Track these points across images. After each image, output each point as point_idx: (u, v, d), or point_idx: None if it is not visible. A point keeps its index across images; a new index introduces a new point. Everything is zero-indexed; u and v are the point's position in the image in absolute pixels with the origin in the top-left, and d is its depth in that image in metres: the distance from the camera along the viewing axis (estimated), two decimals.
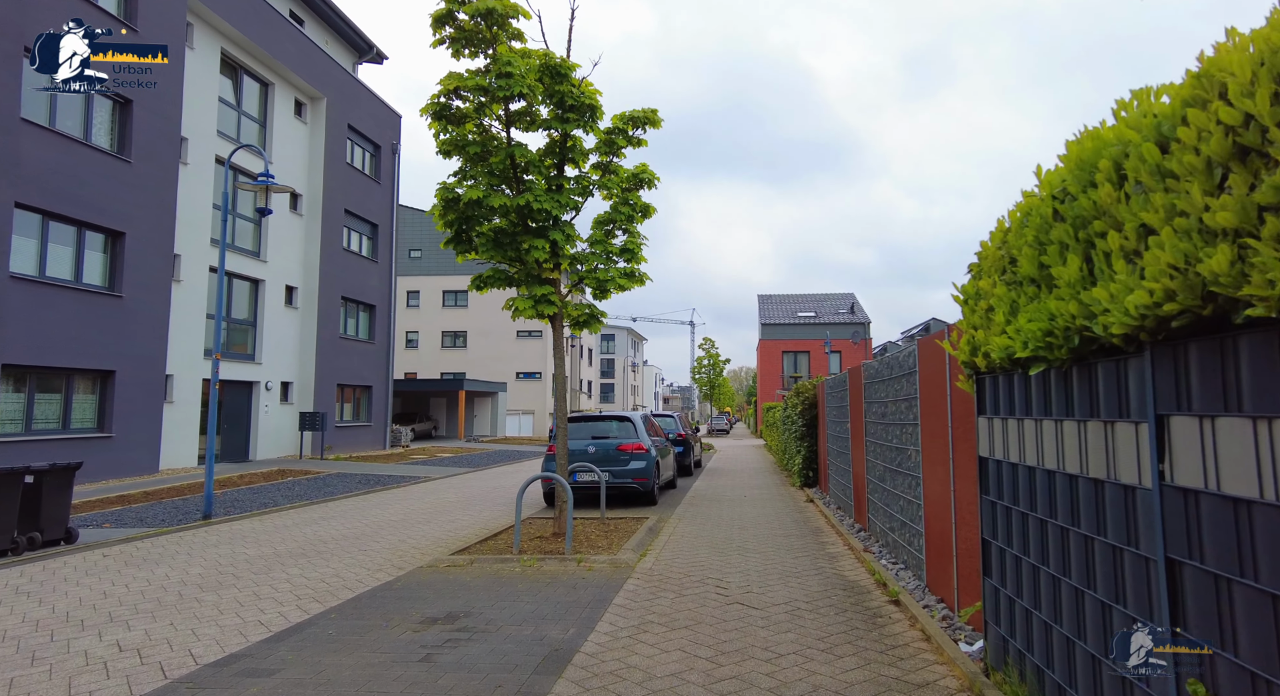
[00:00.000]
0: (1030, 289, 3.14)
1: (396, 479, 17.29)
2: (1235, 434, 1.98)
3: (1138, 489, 2.46)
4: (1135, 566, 2.48)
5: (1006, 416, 3.65)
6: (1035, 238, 3.04)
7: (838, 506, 10.84)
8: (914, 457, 6.23)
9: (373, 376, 27.46)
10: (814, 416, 14.03)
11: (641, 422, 12.33)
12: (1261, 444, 1.88)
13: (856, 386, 9.00)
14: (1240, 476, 1.95)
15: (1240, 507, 1.97)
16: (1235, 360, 1.99)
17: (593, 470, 10.46)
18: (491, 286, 8.97)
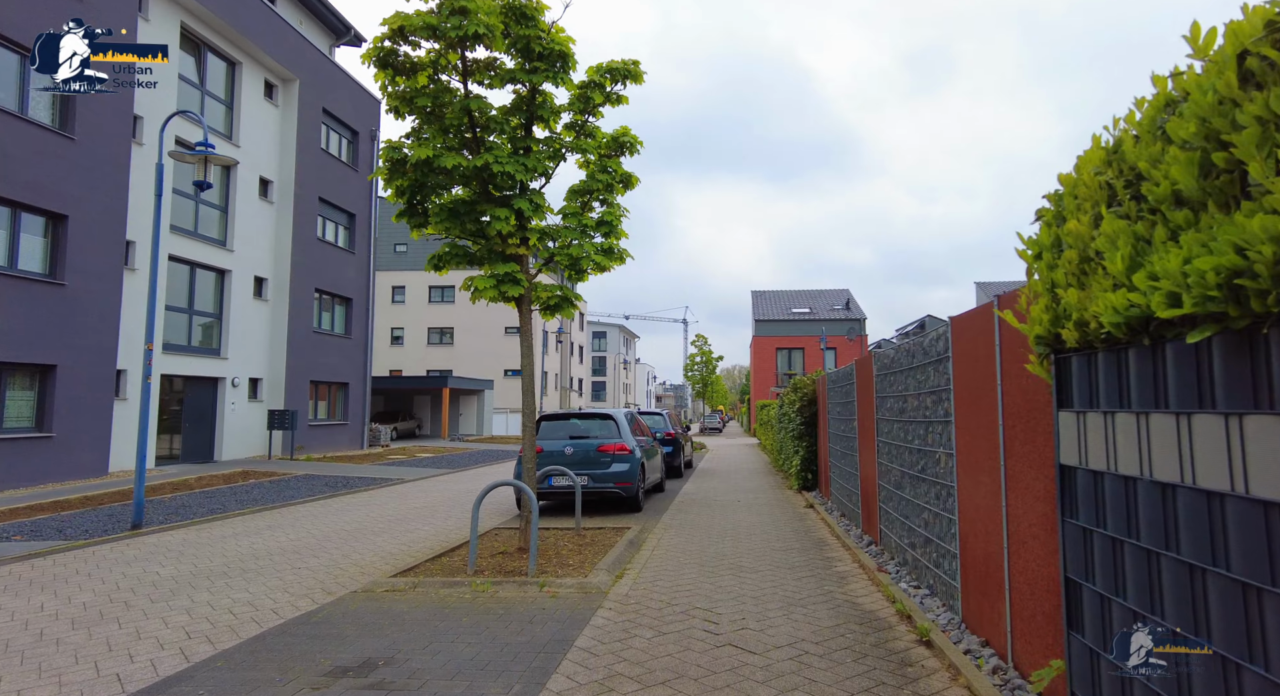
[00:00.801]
0: (1181, 214, 2.05)
1: (366, 481, 16.14)
2: None
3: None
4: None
5: (1113, 410, 2.56)
6: (1200, 130, 1.95)
7: (841, 513, 9.76)
8: (944, 462, 5.14)
9: (349, 373, 26.25)
10: (813, 414, 12.95)
11: (625, 421, 11.22)
12: None
13: (866, 379, 7.91)
14: None
15: None
16: None
17: (567, 474, 9.34)
18: (450, 266, 7.84)
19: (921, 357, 5.76)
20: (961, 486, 4.74)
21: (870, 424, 7.67)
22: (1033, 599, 3.60)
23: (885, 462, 7.04)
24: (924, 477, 5.66)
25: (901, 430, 6.37)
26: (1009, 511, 3.92)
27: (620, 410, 11.59)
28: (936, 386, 5.33)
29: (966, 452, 4.64)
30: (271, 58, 21.54)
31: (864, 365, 8.12)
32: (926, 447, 5.59)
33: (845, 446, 9.43)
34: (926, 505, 5.60)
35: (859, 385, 8.36)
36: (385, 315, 50.82)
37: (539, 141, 7.66)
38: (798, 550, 7.74)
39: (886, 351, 7.09)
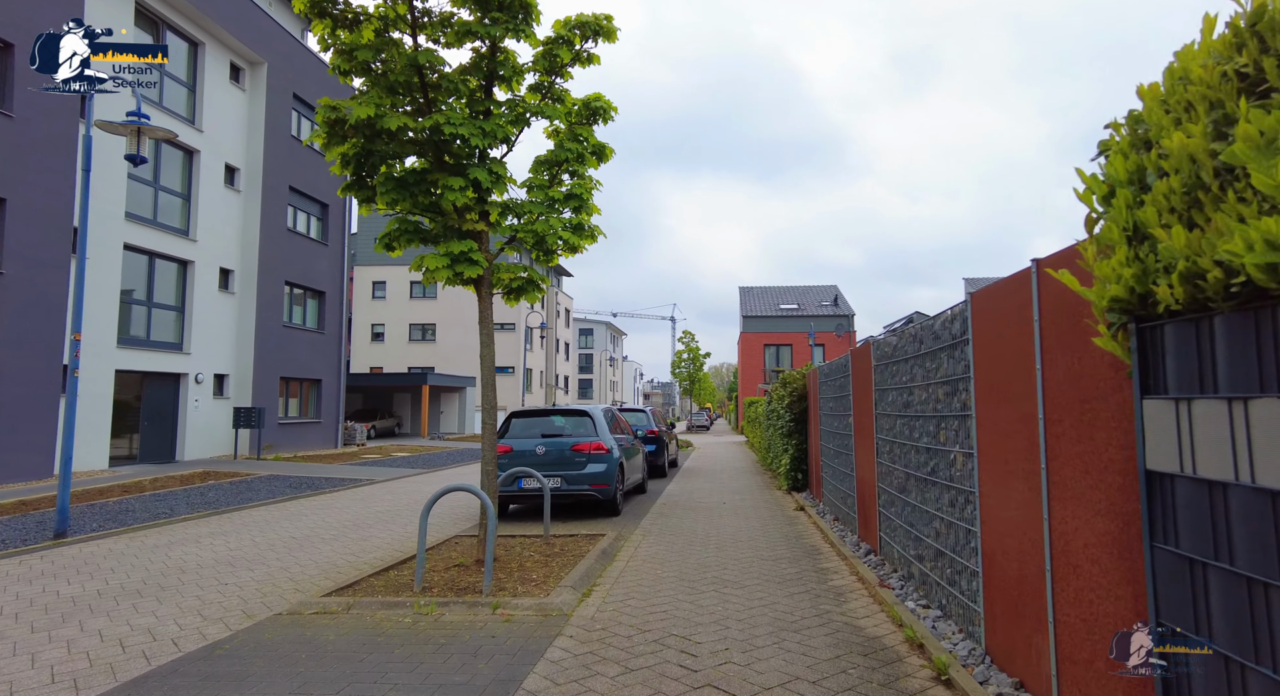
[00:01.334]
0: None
1: (332, 482, 15.26)
2: None
3: None
4: None
5: (1246, 395, 1.80)
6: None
7: (835, 517, 9.02)
8: (961, 464, 4.39)
9: (323, 369, 25.29)
10: (804, 410, 12.21)
11: (603, 418, 10.43)
12: None
13: (863, 370, 7.16)
14: None
15: None
16: None
17: (535, 476, 8.54)
18: (402, 245, 7.01)
19: (931, 343, 5.00)
20: (985, 493, 3.99)
21: (868, 420, 6.93)
22: (1091, 641, 2.84)
23: (886, 463, 6.29)
24: (935, 481, 4.91)
25: (906, 426, 5.62)
26: (1053, 526, 3.17)
27: (598, 407, 10.79)
28: (951, 375, 4.58)
29: (992, 453, 3.88)
30: (237, 39, 20.54)
31: (861, 356, 7.37)
32: (938, 446, 4.84)
33: (839, 445, 8.69)
34: (938, 512, 4.85)
35: (855, 378, 7.62)
36: (366, 311, 49.77)
37: (500, 105, 6.85)
38: (789, 560, 6.98)
39: (888, 339, 6.34)
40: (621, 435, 11.24)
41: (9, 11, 14.20)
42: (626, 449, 10.99)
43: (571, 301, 65.11)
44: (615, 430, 11.22)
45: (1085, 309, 2.74)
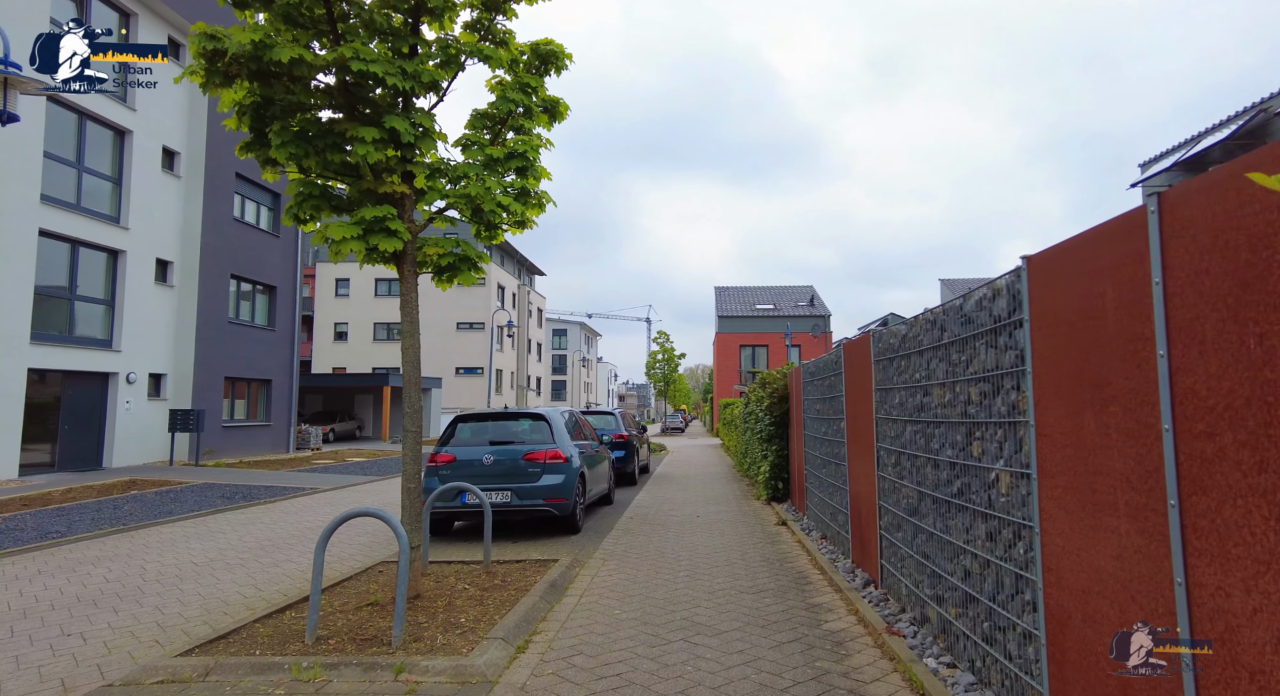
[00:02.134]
0: None
1: (272, 491, 13.89)
2: None
3: None
4: None
5: None
6: None
7: (822, 535, 7.94)
8: (1008, 486, 3.30)
9: (273, 368, 23.76)
10: (785, 413, 11.15)
11: (562, 422, 9.25)
12: None
13: (860, 367, 6.08)
14: None
15: None
16: None
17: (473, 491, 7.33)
18: (307, 213, 5.78)
19: (960, 328, 3.92)
20: (1051, 529, 2.90)
21: (866, 425, 5.84)
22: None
23: (891, 477, 5.21)
24: (964, 505, 3.82)
25: (920, 434, 4.54)
26: (1196, 595, 2.07)
27: (557, 410, 9.59)
28: (991, 369, 3.49)
29: (1065, 475, 2.79)
30: (174, 10, 19.02)
31: (857, 350, 6.29)
32: (968, 462, 3.75)
33: (828, 453, 7.61)
34: (969, 547, 3.76)
35: (849, 376, 6.54)
36: (329, 309, 48.06)
37: (429, 43, 5.66)
38: (773, 592, 5.87)
39: (894, 328, 5.25)
40: (584, 441, 10.07)
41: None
42: (589, 457, 9.82)
43: (544, 301, 63.75)
44: (578, 436, 10.06)
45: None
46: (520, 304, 55.09)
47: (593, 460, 10.06)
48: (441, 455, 8.53)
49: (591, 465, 9.88)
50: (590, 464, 9.80)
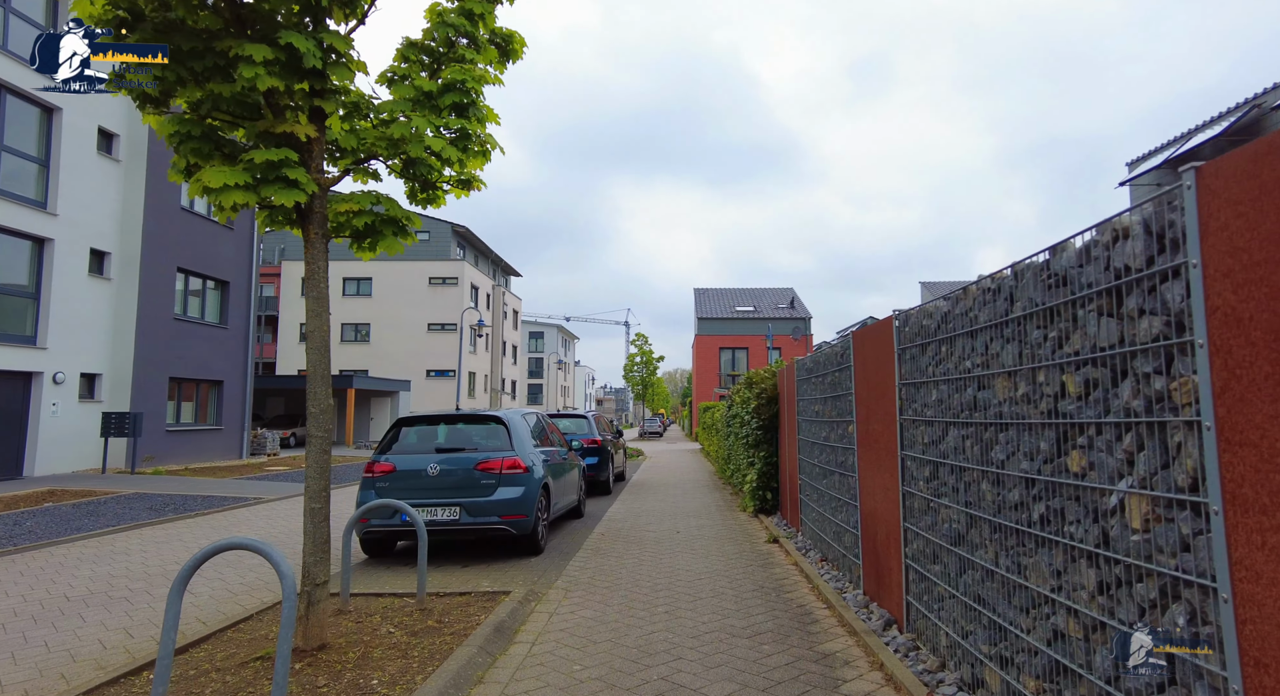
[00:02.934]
0: None
1: (210, 502, 12.55)
2: None
3: None
4: None
5: None
6: None
7: (823, 556, 6.85)
8: (1157, 521, 2.20)
9: (225, 369, 22.26)
10: (774, 415, 10.07)
11: (523, 426, 8.07)
12: None
13: (876, 358, 5.00)
14: None
15: None
16: None
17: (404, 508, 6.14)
18: (184, 157, 4.57)
19: (1042, 296, 2.82)
20: (1260, 595, 1.81)
21: (886, 429, 4.76)
22: None
23: (924, 494, 4.12)
24: (1052, 539, 2.73)
25: (971, 440, 3.46)
26: None
27: (518, 411, 8.39)
28: (1109, 346, 2.41)
29: None
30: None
31: (872, 339, 5.21)
32: (1064, 479, 2.66)
33: (830, 461, 6.52)
34: (1065, 600, 2.67)
35: (860, 370, 5.45)
36: (295, 309, 46.33)
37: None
38: (772, 635, 4.75)
39: (929, 307, 4.17)
40: (551, 448, 8.90)
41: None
42: (556, 465, 8.65)
43: (520, 302, 62.36)
44: (545, 442, 8.90)
45: None
46: (495, 305, 53.68)
47: (560, 469, 8.88)
48: (379, 464, 7.31)
49: (558, 475, 8.71)
50: (557, 473, 8.62)
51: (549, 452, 8.62)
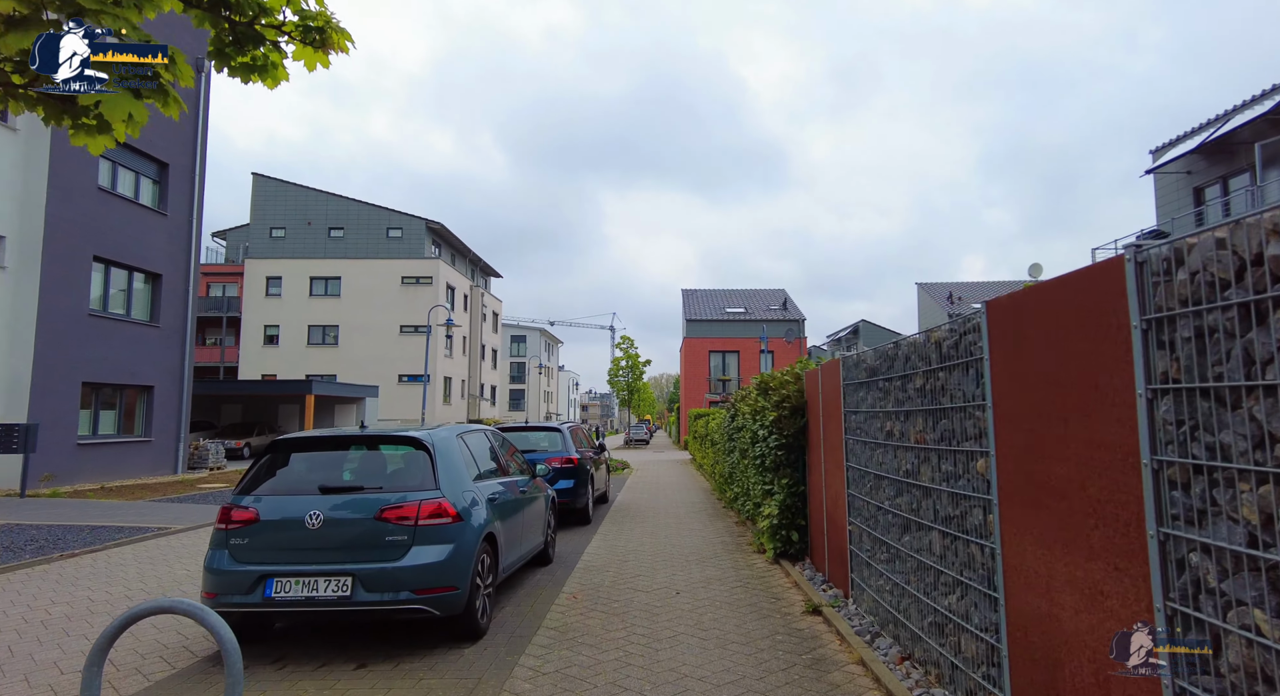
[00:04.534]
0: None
1: (101, 535, 10.04)
2: None
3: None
4: None
5: None
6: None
7: (904, 653, 4.50)
8: None
9: (156, 373, 19.63)
10: (800, 430, 7.76)
11: (456, 453, 5.61)
12: None
13: (1067, 342, 2.67)
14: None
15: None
16: None
17: (294, 576, 3.78)
18: None
19: None
20: None
21: (1090, 475, 2.43)
22: None
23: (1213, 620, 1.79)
24: None
25: None
26: None
27: (449, 430, 5.91)
28: None
29: None
30: None
31: (1049, 306, 2.88)
32: None
33: (922, 507, 4.18)
34: None
35: (1007, 364, 3.10)
36: (259, 310, 43.64)
37: None
38: None
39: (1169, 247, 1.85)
40: (505, 479, 6.51)
41: None
42: (508, 503, 6.24)
43: (500, 304, 59.82)
44: (499, 471, 6.53)
45: None
46: (473, 306, 51.14)
47: (515, 506, 6.48)
48: (237, 511, 4.86)
49: (513, 515, 6.30)
50: (510, 513, 6.22)
51: (502, 487, 6.22)
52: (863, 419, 5.43)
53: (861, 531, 5.53)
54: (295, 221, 44.99)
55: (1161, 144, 23.83)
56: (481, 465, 6.01)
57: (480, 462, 6.00)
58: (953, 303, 44.08)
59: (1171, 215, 22.75)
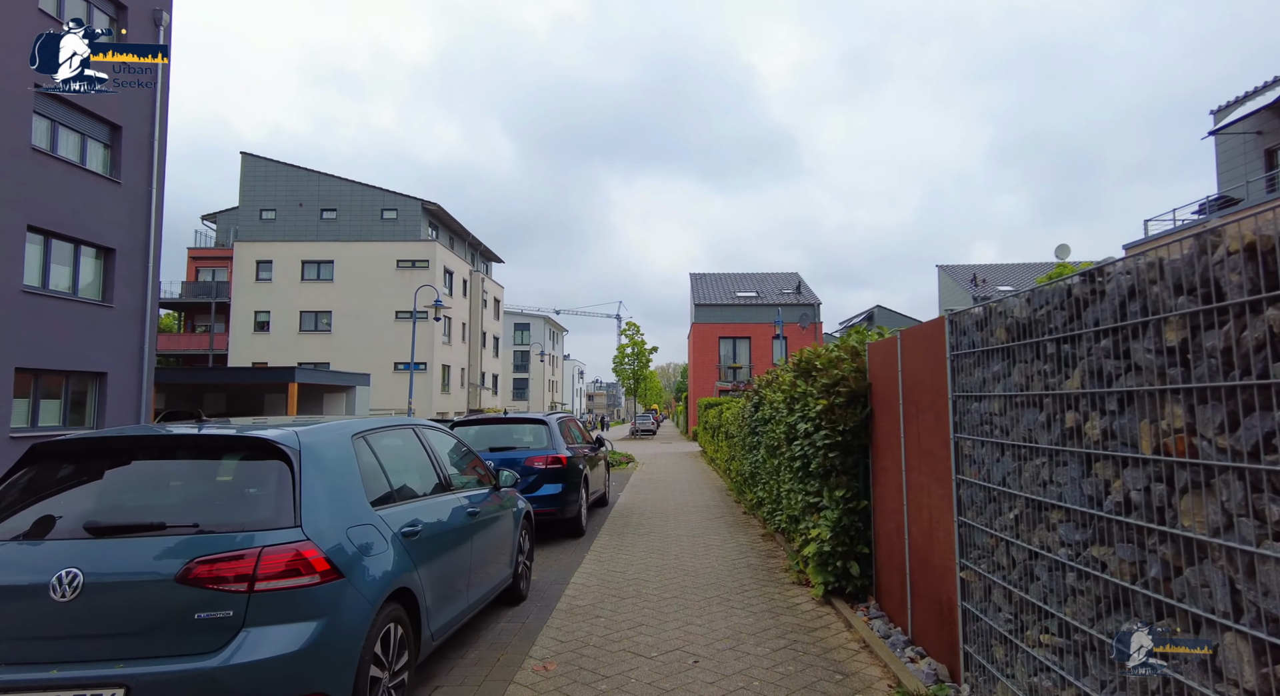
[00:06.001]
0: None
1: None
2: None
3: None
4: None
5: None
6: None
7: None
8: None
9: (108, 358, 17.69)
10: (862, 424, 5.69)
11: (341, 461, 3.52)
12: None
13: None
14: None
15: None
16: None
17: None
18: None
19: None
20: None
21: None
22: None
23: None
24: None
25: None
26: None
27: (337, 426, 3.79)
28: None
29: None
30: None
31: None
32: None
33: (1166, 563, 2.11)
34: None
35: None
36: (249, 296, 41.78)
37: None
38: None
39: None
40: (439, 498, 4.47)
41: None
42: (439, 538, 4.18)
43: (502, 290, 57.80)
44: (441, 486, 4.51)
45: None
46: (473, 291, 49.15)
47: (455, 538, 4.42)
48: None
49: (449, 550, 4.25)
50: (446, 549, 4.18)
51: (436, 510, 4.20)
52: (995, 408, 3.37)
53: (990, 585, 3.48)
54: (286, 203, 43.03)
55: (1225, 102, 21.53)
56: (397, 480, 3.97)
57: (394, 476, 3.95)
58: (977, 285, 41.80)
59: (1236, 180, 20.45)
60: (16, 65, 14.68)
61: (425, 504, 4.13)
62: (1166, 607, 2.22)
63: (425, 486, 4.37)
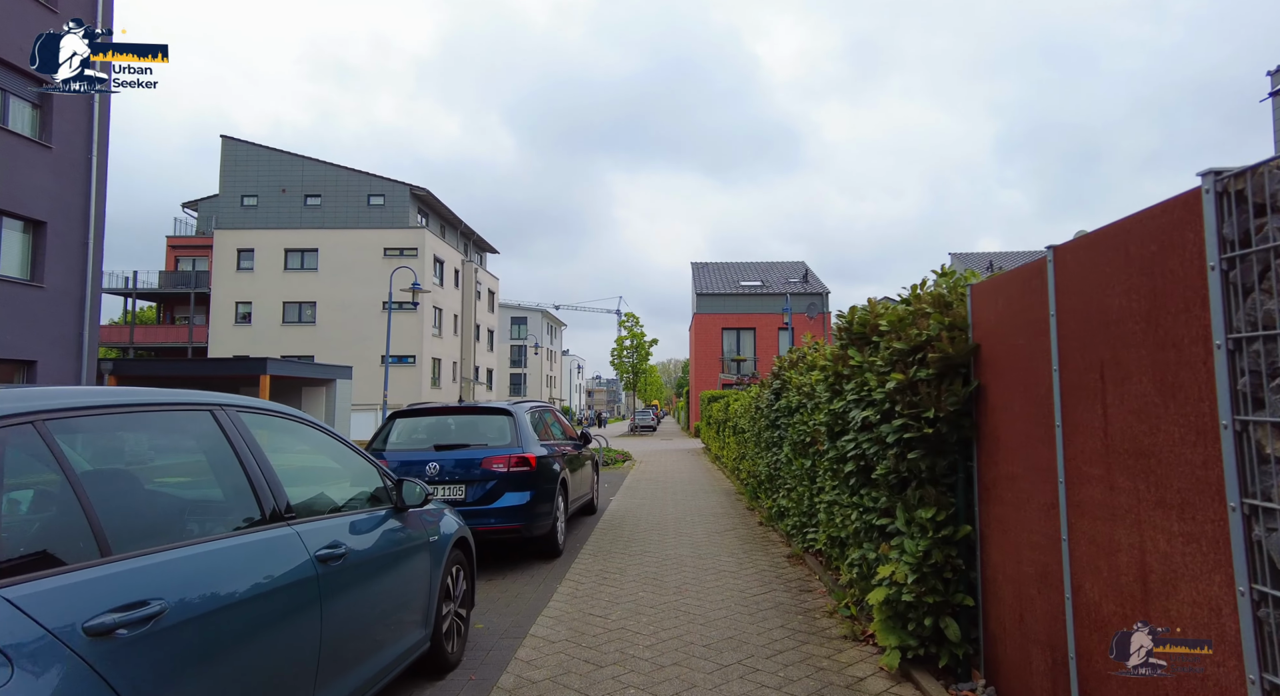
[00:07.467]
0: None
1: None
2: None
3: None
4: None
5: None
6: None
7: None
8: None
9: (39, 345, 15.74)
10: (964, 407, 3.70)
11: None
12: None
13: None
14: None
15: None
16: None
17: None
18: None
19: None
20: None
21: None
22: None
23: None
24: None
25: None
26: None
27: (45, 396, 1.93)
28: None
29: None
30: None
31: None
32: None
33: None
34: None
35: None
36: (229, 286, 39.82)
37: None
38: None
39: None
40: (312, 521, 2.52)
41: None
42: (256, 608, 2.25)
43: (497, 282, 55.78)
44: (261, 522, 2.55)
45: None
46: (466, 282, 47.16)
47: (285, 605, 2.47)
48: None
49: (257, 634, 2.31)
50: (252, 635, 2.23)
51: (260, 563, 2.25)
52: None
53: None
54: (269, 189, 41.01)
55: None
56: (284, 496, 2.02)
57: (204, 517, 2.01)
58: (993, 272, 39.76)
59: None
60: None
61: (300, 525, 2.19)
62: None
63: (228, 519, 2.41)
